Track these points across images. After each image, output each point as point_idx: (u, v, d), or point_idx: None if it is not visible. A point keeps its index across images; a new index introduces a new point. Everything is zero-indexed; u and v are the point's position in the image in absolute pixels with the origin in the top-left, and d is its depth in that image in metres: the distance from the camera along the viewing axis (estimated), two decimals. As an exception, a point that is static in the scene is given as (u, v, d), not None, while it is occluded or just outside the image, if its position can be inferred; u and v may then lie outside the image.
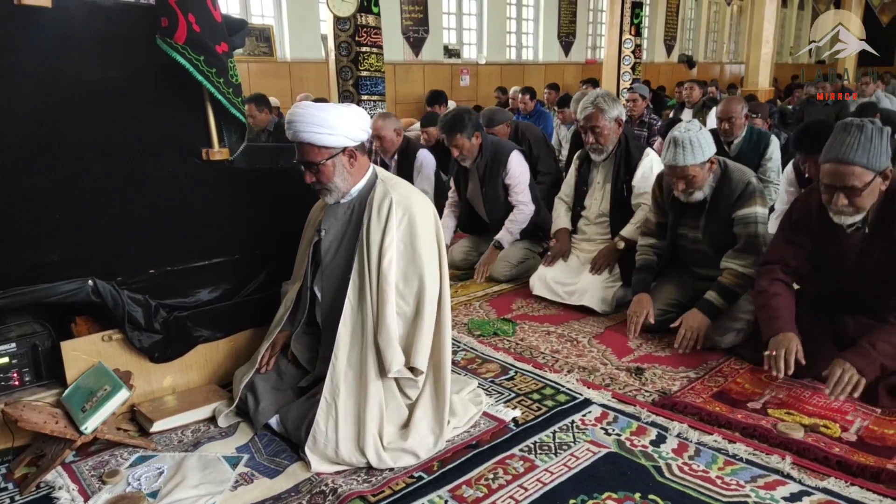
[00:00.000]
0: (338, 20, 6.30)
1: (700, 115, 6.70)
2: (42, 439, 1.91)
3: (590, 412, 2.13)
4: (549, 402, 2.20)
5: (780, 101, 10.79)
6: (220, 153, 2.30)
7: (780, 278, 2.37)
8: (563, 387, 2.31)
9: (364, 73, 6.46)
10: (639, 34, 8.98)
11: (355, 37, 6.35)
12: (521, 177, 3.64)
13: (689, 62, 17.95)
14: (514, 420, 2.09)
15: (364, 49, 6.41)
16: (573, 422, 2.07)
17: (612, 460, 1.86)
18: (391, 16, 11.31)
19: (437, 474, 1.81)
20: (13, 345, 1.98)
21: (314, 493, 1.73)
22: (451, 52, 13.56)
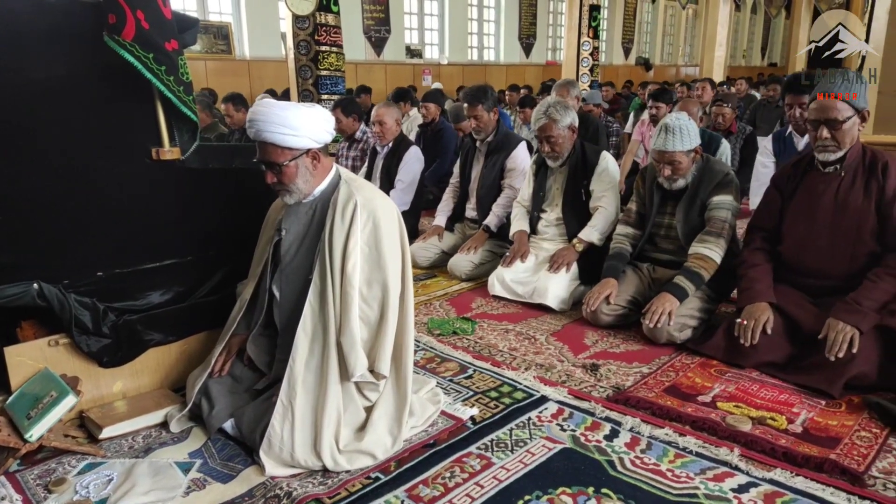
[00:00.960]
0: (297, 18, 6.24)
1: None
2: (-16, 449, 1.85)
3: (546, 409, 2.16)
4: (507, 400, 2.22)
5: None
6: (170, 152, 2.25)
7: (760, 247, 2.59)
8: (521, 384, 2.33)
9: (324, 73, 6.41)
10: (597, 37, 9.13)
11: (315, 35, 6.29)
12: (521, 165, 3.77)
13: (646, 65, 18.31)
14: (472, 418, 2.10)
15: (324, 48, 6.36)
16: (530, 419, 2.09)
17: (567, 456, 1.88)
18: (352, 15, 11.26)
19: (393, 474, 1.81)
20: (-47, 351, 1.91)
21: (268, 497, 1.71)
22: (413, 52, 13.56)
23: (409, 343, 2.02)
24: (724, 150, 4.12)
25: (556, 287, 3.15)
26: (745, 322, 2.40)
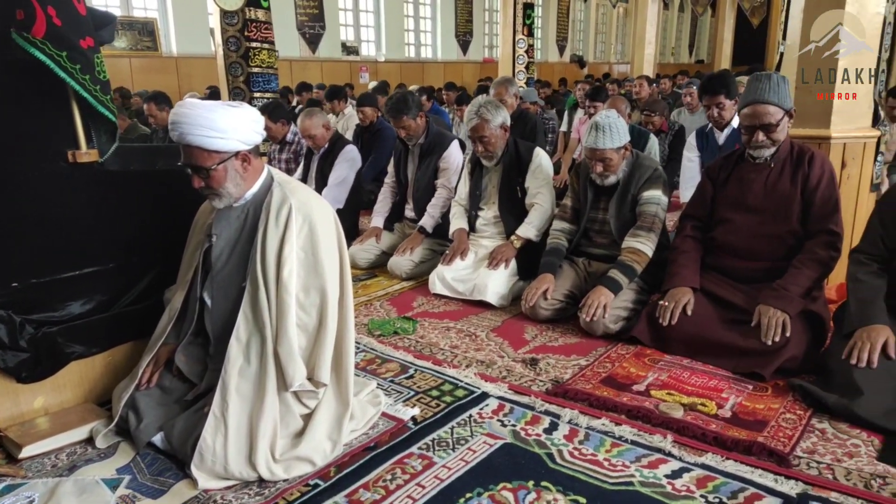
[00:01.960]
0: (225, 14, 6.05)
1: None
2: None
3: (487, 405, 2.16)
4: (448, 398, 2.22)
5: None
6: (88, 155, 2.14)
7: (690, 234, 2.72)
8: (462, 382, 2.34)
9: (256, 70, 6.24)
10: (531, 34, 9.24)
11: (244, 32, 6.12)
12: (454, 164, 3.79)
13: (580, 62, 18.69)
14: (413, 418, 2.09)
15: (254, 45, 6.19)
16: (471, 416, 2.10)
17: (508, 451, 1.90)
18: (285, 11, 11.03)
19: (333, 480, 1.77)
20: None
21: (203, 510, 1.65)
22: (349, 49, 13.39)
23: (350, 347, 1.98)
24: (653, 146, 4.30)
25: (496, 283, 3.18)
26: (665, 303, 2.53)
